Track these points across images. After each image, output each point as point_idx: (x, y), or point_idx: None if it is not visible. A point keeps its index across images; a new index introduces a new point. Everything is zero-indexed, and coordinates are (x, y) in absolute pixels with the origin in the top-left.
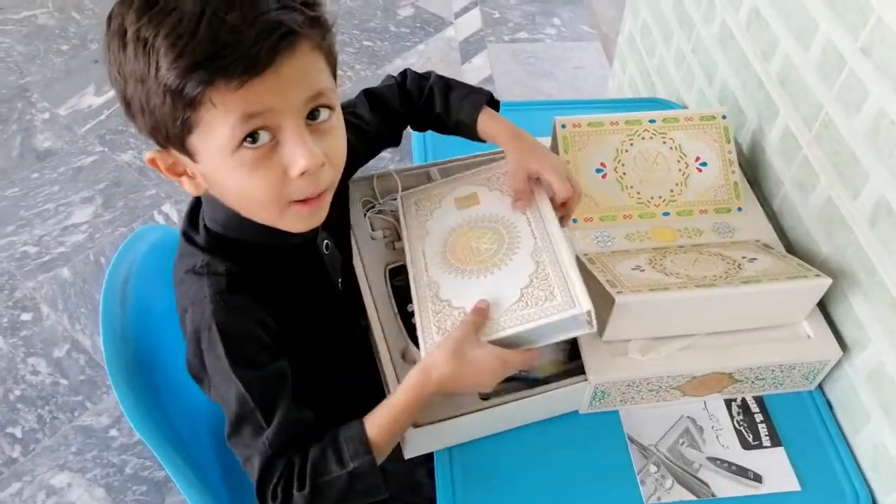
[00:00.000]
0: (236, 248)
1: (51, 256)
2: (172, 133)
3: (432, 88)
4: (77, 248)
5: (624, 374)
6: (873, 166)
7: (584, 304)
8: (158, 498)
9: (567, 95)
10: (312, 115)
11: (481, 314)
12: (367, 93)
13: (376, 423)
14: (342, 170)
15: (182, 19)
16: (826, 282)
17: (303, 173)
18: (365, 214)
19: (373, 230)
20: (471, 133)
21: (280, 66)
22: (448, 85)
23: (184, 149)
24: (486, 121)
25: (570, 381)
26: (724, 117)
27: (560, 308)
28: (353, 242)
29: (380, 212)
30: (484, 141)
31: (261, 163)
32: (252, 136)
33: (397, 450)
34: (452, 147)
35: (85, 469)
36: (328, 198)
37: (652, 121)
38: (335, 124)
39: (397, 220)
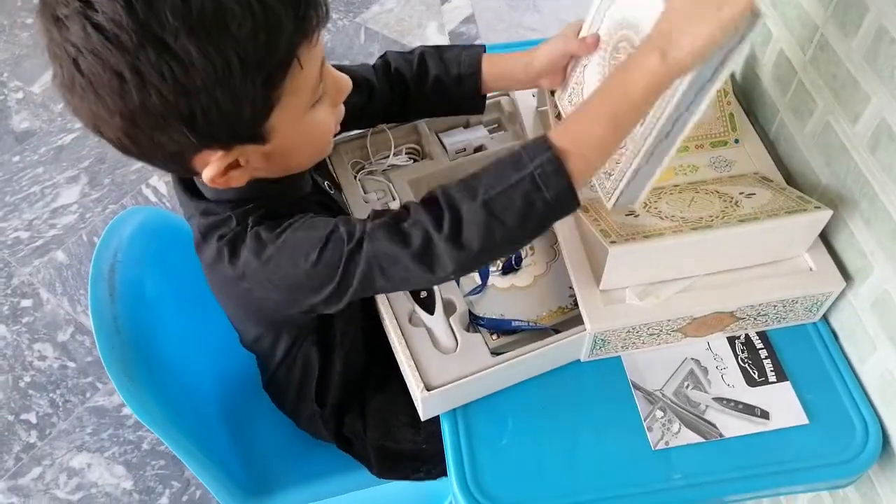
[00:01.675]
0: (258, 203)
1: (43, 240)
2: (257, 121)
3: (423, 55)
4: (69, 230)
5: (623, 320)
6: (873, 88)
7: None
8: (178, 470)
9: (552, 29)
10: None
11: None
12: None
13: (561, 124)
14: None
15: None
16: (826, 214)
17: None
18: (356, 177)
19: (365, 193)
20: (475, 89)
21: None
22: (438, 48)
23: (258, 136)
24: (492, 64)
25: (570, 332)
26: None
27: None
28: (346, 207)
29: (370, 173)
30: (481, 109)
31: (320, 106)
32: None
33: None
34: None
35: (103, 448)
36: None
37: None
38: None
39: (389, 179)
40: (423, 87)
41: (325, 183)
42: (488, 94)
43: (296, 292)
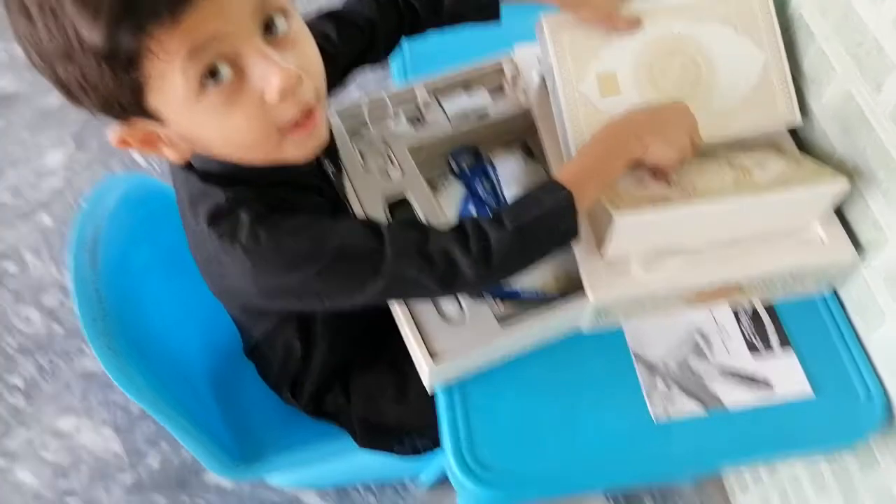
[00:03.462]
0: (250, 184)
1: (29, 204)
2: (126, 102)
3: None
4: (55, 194)
5: (626, 290)
6: None
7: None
8: (167, 432)
9: None
10: (269, 29)
11: None
12: (329, 14)
13: (565, 171)
14: (324, 79)
15: None
16: (844, 185)
17: (282, 94)
18: (353, 145)
19: (364, 161)
20: (495, 5)
21: None
22: None
23: (146, 114)
24: None
25: (569, 301)
26: None
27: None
28: (346, 195)
29: (368, 140)
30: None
31: (233, 100)
32: (213, 76)
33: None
34: (433, 59)
35: (91, 411)
36: (322, 114)
37: None
38: (298, 31)
39: (389, 146)
40: (438, 12)
41: (331, 168)
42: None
43: (280, 298)
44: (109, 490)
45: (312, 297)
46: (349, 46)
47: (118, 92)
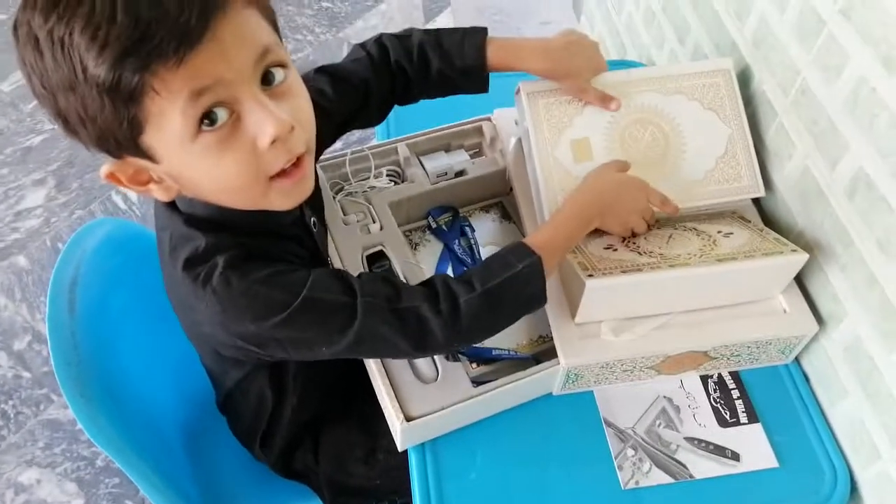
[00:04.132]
0: (232, 232)
1: (5, 244)
2: (122, 138)
3: (422, 46)
4: (32, 234)
5: (597, 356)
6: (852, 136)
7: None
8: (132, 489)
9: None
10: (266, 79)
11: (622, 165)
12: (323, 70)
13: (536, 237)
14: (314, 131)
15: (95, 6)
16: (802, 258)
17: (273, 142)
18: (335, 197)
19: (344, 214)
20: (481, 76)
21: (215, 29)
22: (437, 35)
23: (140, 152)
24: (498, 54)
25: (549, 364)
26: None
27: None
28: (325, 249)
29: (349, 194)
30: (485, 89)
31: (226, 144)
32: (209, 118)
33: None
34: (416, 119)
35: (54, 464)
36: (309, 165)
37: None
38: (293, 83)
39: (369, 201)
40: (427, 79)
41: (312, 219)
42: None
43: (249, 344)
44: None
45: (278, 346)
46: (343, 103)
47: (116, 126)
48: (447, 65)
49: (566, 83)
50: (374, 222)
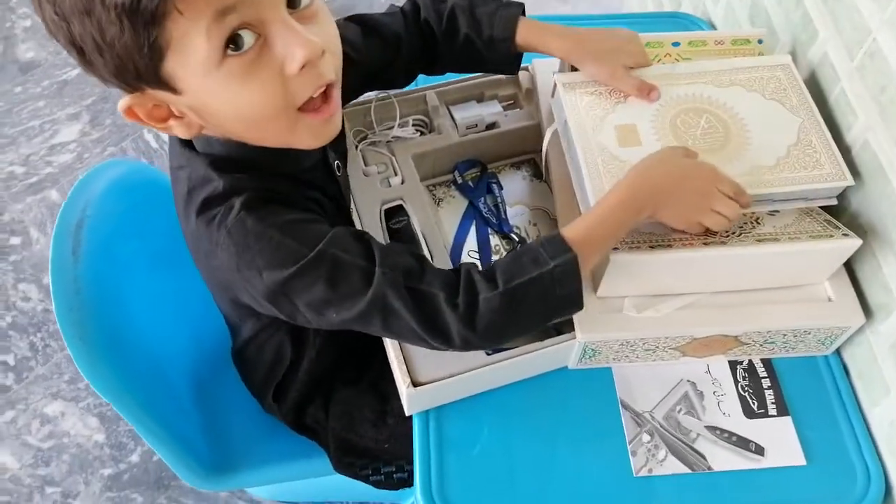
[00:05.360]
0: (252, 173)
1: (38, 177)
2: (142, 66)
3: (453, 9)
4: (65, 169)
5: (616, 332)
6: None
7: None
8: None
9: (582, 9)
10: (292, 2)
11: (688, 150)
12: (356, 18)
13: (576, 227)
14: (342, 60)
15: None
16: (854, 243)
17: (302, 67)
18: (357, 146)
19: (365, 165)
20: (507, 52)
21: None
22: (471, 2)
23: (160, 82)
24: (528, 31)
25: (559, 339)
26: (760, 41)
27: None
28: (348, 192)
29: (372, 143)
30: (515, 70)
31: (253, 70)
32: (234, 43)
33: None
34: None
35: (78, 398)
36: (338, 99)
37: (675, 44)
38: (320, 7)
39: (393, 152)
40: (453, 45)
41: (336, 162)
42: None
43: (260, 295)
44: (89, 483)
45: (289, 304)
46: (372, 56)
47: (135, 53)
48: (475, 32)
49: (591, 69)
50: (395, 175)
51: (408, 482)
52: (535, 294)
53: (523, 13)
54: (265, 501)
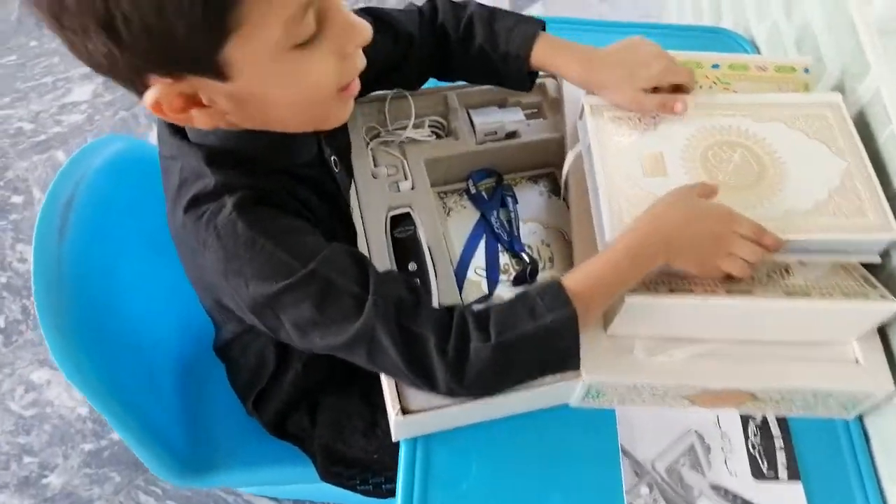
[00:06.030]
0: (246, 169)
1: (46, 136)
2: (199, 48)
3: (472, 18)
4: (74, 130)
5: (624, 376)
6: None
7: None
8: None
9: (623, 15)
10: None
11: (706, 188)
12: (371, 10)
13: (579, 276)
14: None
15: None
16: (892, 307)
17: (362, 45)
18: (367, 143)
19: (375, 166)
20: (521, 70)
21: None
22: (492, 13)
23: (211, 68)
24: (545, 51)
25: (561, 375)
26: (806, 70)
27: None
28: (347, 195)
29: (384, 142)
30: (528, 87)
31: (314, 52)
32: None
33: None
34: None
35: None
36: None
37: (715, 66)
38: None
39: (404, 154)
40: (467, 54)
41: (333, 158)
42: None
43: (245, 304)
44: (68, 456)
45: (274, 319)
46: (383, 51)
47: (199, 33)
48: (490, 45)
49: (610, 96)
50: (405, 179)
51: (393, 494)
52: (528, 350)
53: (543, 29)
54: (245, 494)
